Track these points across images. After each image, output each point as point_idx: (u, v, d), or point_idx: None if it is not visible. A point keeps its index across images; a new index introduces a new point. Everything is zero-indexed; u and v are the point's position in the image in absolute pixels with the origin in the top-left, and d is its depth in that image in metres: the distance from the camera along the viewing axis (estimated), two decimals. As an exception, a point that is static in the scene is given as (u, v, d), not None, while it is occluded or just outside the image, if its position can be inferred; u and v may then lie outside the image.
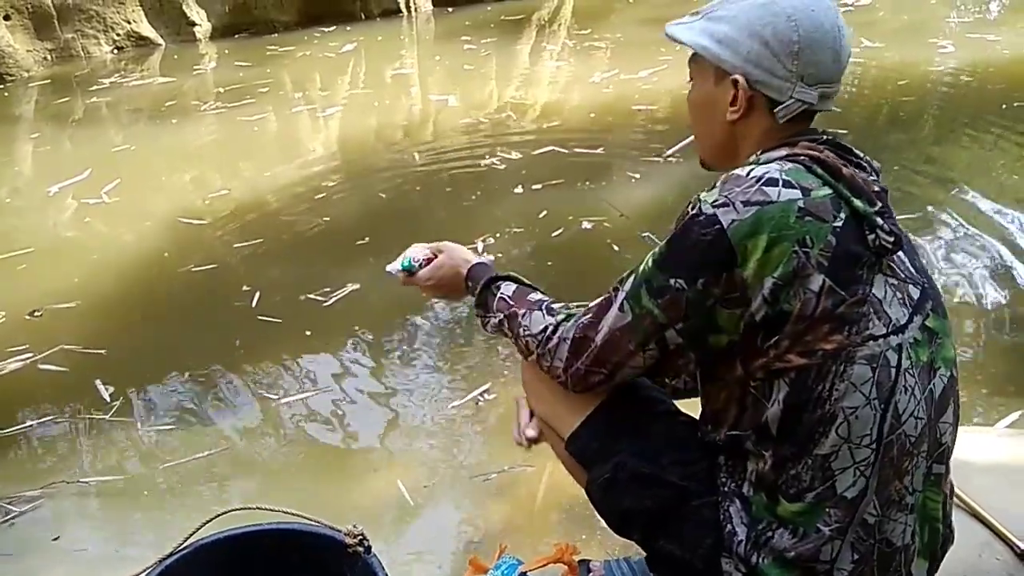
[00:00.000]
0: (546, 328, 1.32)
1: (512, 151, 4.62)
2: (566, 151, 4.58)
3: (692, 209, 1.15)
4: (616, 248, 3.50)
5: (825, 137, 1.22)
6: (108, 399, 2.76)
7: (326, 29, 7.96)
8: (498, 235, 3.73)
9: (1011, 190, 3.99)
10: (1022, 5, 7.95)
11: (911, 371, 1.14)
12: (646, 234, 3.44)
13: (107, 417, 2.67)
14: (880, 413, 1.12)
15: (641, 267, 1.20)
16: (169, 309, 3.38)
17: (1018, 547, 1.65)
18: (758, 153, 1.22)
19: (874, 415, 1.12)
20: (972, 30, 6.49)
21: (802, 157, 1.16)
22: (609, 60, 6.24)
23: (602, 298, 1.26)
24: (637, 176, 4.18)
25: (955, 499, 1.73)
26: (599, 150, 4.55)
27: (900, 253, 1.17)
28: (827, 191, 1.13)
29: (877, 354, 1.12)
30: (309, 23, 8.14)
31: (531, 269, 3.51)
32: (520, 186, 4.21)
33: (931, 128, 4.87)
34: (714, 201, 1.13)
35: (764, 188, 1.12)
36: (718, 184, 1.16)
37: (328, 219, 4.05)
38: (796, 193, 1.12)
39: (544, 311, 1.35)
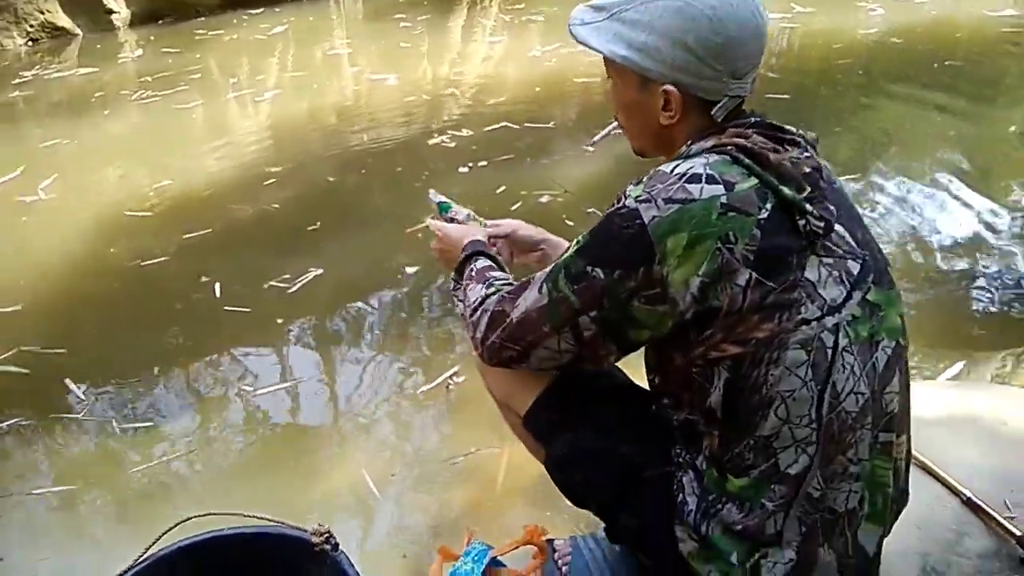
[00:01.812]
0: (476, 299, 1.34)
1: (461, 128, 4.59)
2: (517, 126, 4.57)
3: (617, 203, 1.16)
4: (570, 223, 3.50)
5: (753, 120, 1.21)
6: (82, 397, 2.67)
7: (254, 11, 7.77)
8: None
9: (942, 148, 4.13)
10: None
11: (849, 349, 1.14)
12: (591, 209, 3.46)
13: (80, 416, 2.58)
14: (817, 394, 1.13)
15: (564, 254, 1.20)
16: (126, 305, 3.26)
17: (964, 495, 1.69)
18: (688, 144, 1.21)
19: (811, 396, 1.13)
20: (896, -8, 6.68)
21: (729, 147, 1.15)
22: (547, 33, 6.22)
23: (526, 279, 1.28)
24: (591, 149, 4.20)
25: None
26: (550, 124, 4.55)
27: (839, 228, 1.17)
28: (752, 182, 1.12)
29: (811, 337, 1.12)
30: (234, 6, 7.93)
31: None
32: (472, 163, 4.19)
33: (866, 88, 5.00)
34: (637, 196, 1.13)
35: (686, 185, 1.11)
36: (644, 180, 1.16)
37: (277, 206, 3.97)
38: (719, 189, 1.11)
39: (484, 284, 1.36)
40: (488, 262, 1.46)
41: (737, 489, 1.19)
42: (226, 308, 3.11)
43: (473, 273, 1.43)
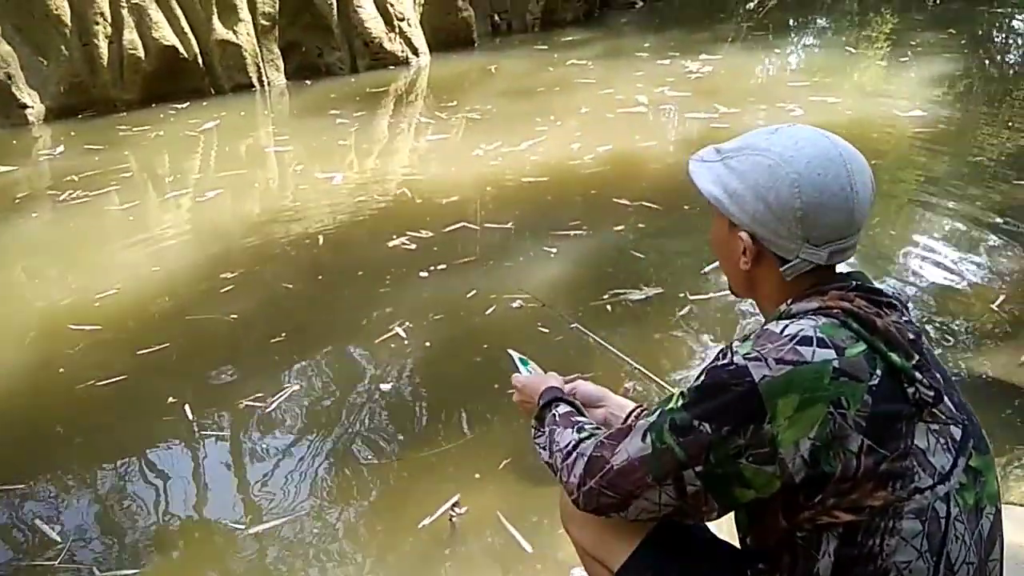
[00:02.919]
0: (569, 443, 1.34)
1: (420, 230, 4.55)
2: (476, 227, 4.56)
3: (723, 358, 1.17)
4: (545, 330, 3.46)
5: (855, 283, 1.23)
6: (57, 539, 2.44)
7: (179, 106, 7.60)
8: (408, 323, 3.60)
9: (877, 245, 4.34)
10: (814, 62, 8.95)
11: (960, 518, 1.15)
12: (574, 325, 3.44)
13: (57, 563, 2.34)
14: (933, 566, 1.13)
15: (669, 404, 1.20)
16: (88, 432, 3.03)
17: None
18: (788, 302, 1.23)
19: (927, 568, 1.13)
20: (812, 93, 7.06)
21: (835, 311, 1.17)
22: (487, 133, 6.30)
23: (627, 424, 1.29)
24: (554, 251, 4.21)
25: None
26: (508, 225, 4.55)
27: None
28: (862, 347, 1.14)
29: (925, 507, 1.12)
30: (155, 101, 7.74)
31: (465, 354, 3.42)
32: (434, 266, 4.14)
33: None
34: (746, 354, 1.15)
35: (798, 348, 1.13)
36: (752, 337, 1.18)
37: (235, 316, 3.81)
38: (831, 353, 1.12)
39: (575, 429, 1.37)
40: (568, 408, 1.48)
41: None
42: (201, 433, 2.93)
43: (557, 419, 1.44)
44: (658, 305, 3.67)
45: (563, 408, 1.47)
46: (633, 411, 1.61)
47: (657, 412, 1.22)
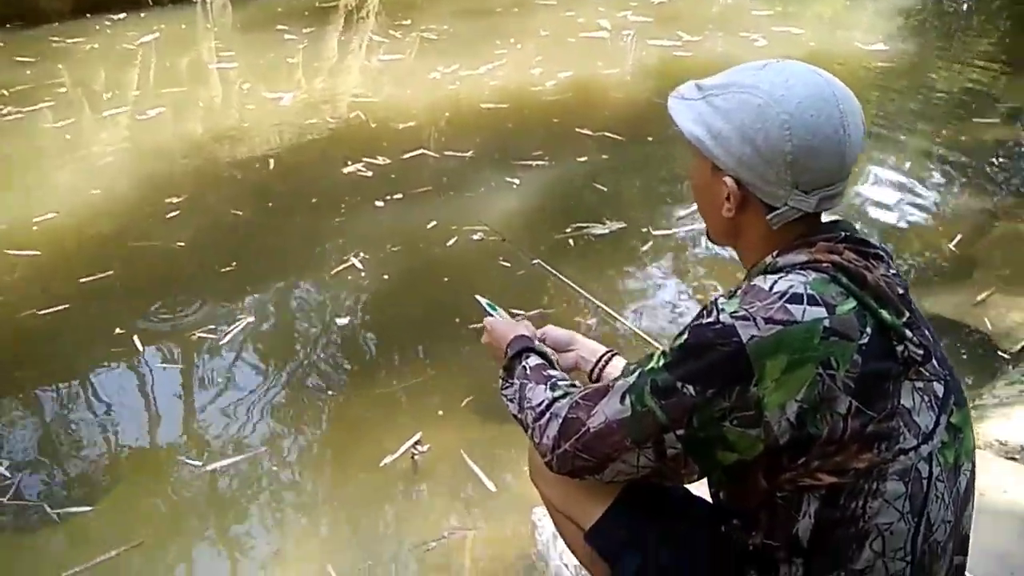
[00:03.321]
0: (543, 402, 1.27)
1: (376, 156, 4.39)
2: (436, 155, 4.42)
3: (708, 316, 1.10)
4: (506, 264, 3.38)
5: (843, 233, 1.17)
6: (6, 475, 2.33)
7: (115, 17, 7.19)
8: (363, 254, 3.51)
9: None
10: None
11: (941, 477, 1.13)
12: (535, 260, 3.37)
13: (6, 500, 2.25)
14: (914, 527, 1.11)
15: (649, 364, 1.14)
16: (30, 363, 2.89)
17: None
18: (774, 254, 1.17)
19: (908, 529, 1.11)
20: (775, 23, 6.97)
21: (825, 264, 1.11)
22: (445, 54, 6.09)
23: (602, 384, 1.22)
24: (516, 182, 4.11)
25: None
26: (469, 153, 4.42)
27: None
28: (852, 304, 1.09)
29: (908, 468, 1.09)
30: (89, 11, 7.31)
31: (425, 287, 3.34)
32: (390, 195, 4.02)
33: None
34: (733, 312, 1.08)
35: (788, 306, 1.07)
36: (739, 294, 1.11)
37: (182, 244, 3.65)
38: (822, 312, 1.07)
39: (548, 386, 1.30)
40: (539, 359, 1.40)
41: None
42: (158, 366, 2.83)
43: (528, 372, 1.36)
44: (621, 240, 3.62)
45: (534, 360, 1.39)
46: (604, 355, 1.56)
47: (636, 373, 1.15)
